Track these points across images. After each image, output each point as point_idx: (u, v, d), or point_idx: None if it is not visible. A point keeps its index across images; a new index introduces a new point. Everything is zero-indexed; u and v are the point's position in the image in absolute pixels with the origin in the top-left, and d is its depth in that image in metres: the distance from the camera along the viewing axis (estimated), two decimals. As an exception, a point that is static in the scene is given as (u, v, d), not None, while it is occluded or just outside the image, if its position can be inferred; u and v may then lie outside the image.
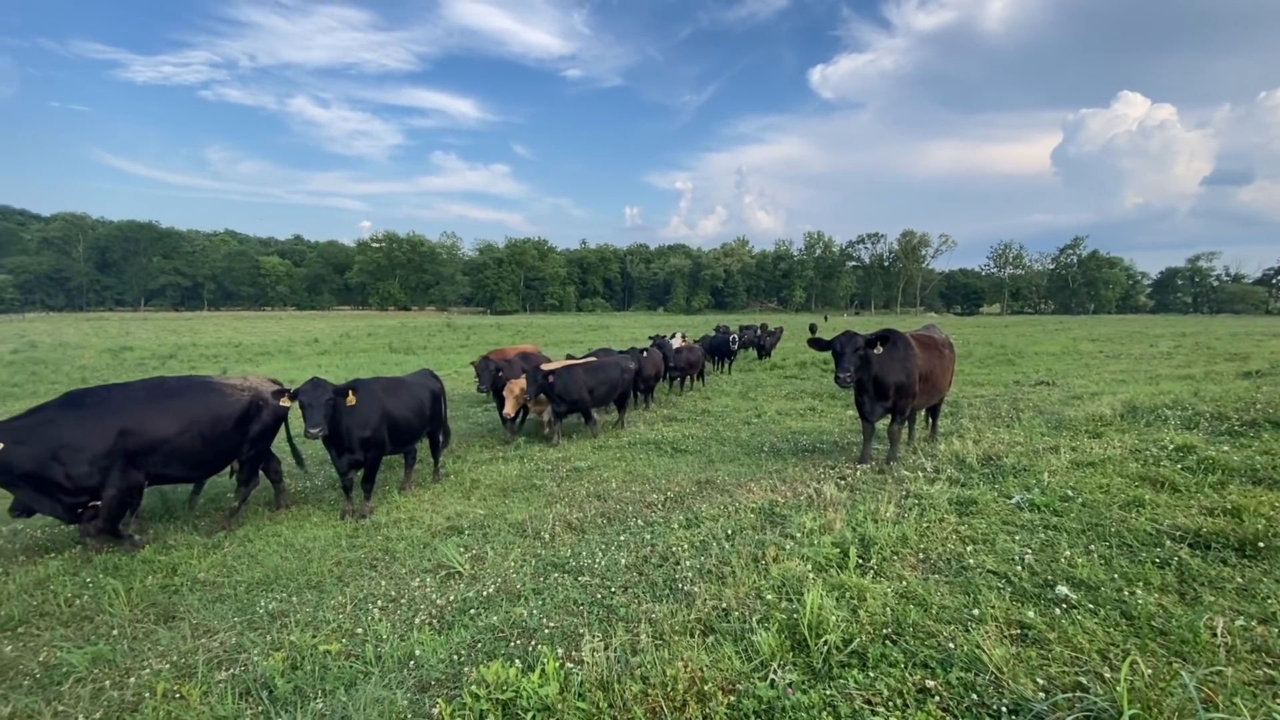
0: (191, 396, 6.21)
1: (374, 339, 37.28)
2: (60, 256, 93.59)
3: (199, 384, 6.46)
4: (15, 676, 3.71)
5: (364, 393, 6.87)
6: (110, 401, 5.70)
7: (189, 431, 6.01)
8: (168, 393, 6.10)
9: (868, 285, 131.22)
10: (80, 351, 28.31)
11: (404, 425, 7.29)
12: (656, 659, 3.00)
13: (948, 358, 8.48)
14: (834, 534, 4.61)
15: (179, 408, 6.03)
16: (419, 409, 7.63)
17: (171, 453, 5.88)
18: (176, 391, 6.18)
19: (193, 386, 6.37)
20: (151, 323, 58.59)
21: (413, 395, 7.60)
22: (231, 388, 6.58)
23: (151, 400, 5.92)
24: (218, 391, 6.45)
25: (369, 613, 4.12)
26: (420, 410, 7.66)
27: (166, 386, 6.19)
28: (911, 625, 3.33)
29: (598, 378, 10.64)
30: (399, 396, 7.34)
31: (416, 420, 7.58)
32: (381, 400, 6.99)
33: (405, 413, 7.33)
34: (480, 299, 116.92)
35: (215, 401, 6.33)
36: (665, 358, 13.97)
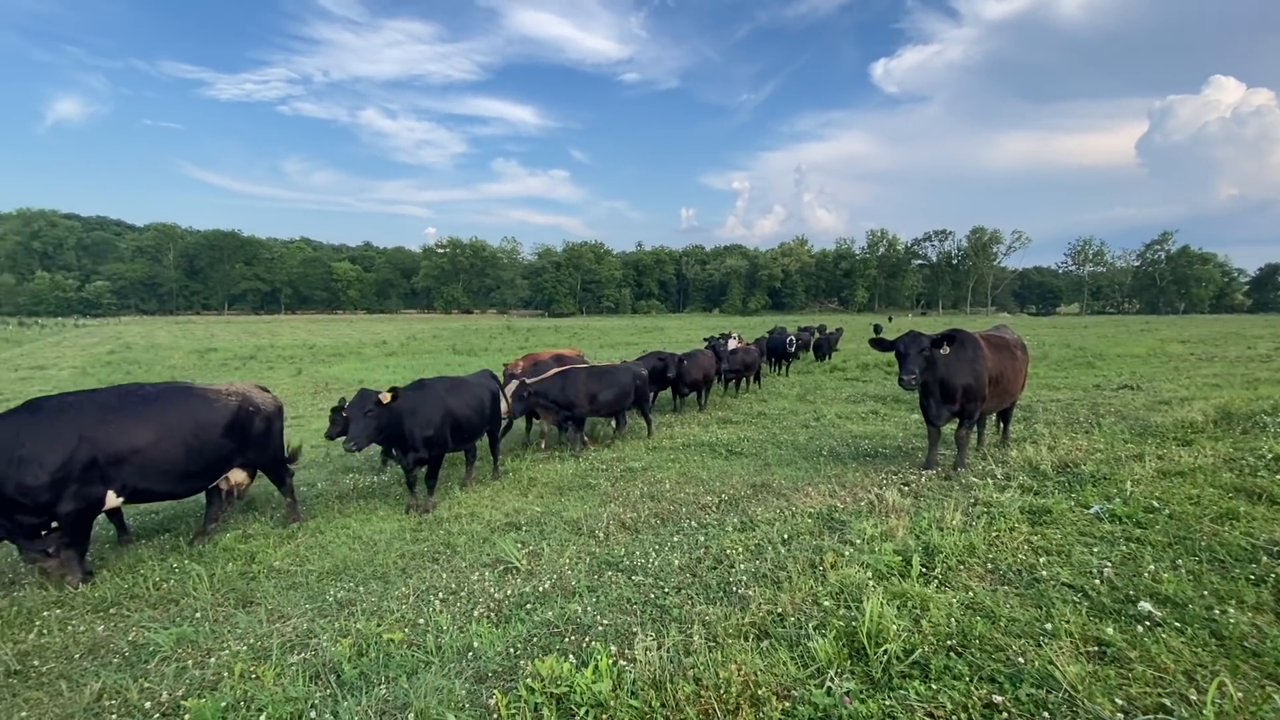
0: (169, 403, 5.70)
1: (438, 341, 38.65)
2: (152, 264, 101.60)
3: (178, 390, 6.01)
4: (106, 654, 4.03)
5: (428, 392, 7.11)
6: (74, 408, 5.17)
7: (165, 441, 5.48)
8: (142, 399, 5.58)
9: (934, 284, 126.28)
10: (170, 352, 30.64)
11: (465, 424, 7.49)
12: (710, 661, 2.97)
13: (1020, 360, 8.03)
14: (896, 541, 4.45)
15: (153, 415, 5.50)
16: (479, 408, 7.81)
17: (146, 465, 5.36)
18: (152, 398, 5.65)
19: (171, 393, 5.89)
20: (234, 325, 62.76)
21: (473, 395, 7.80)
22: (215, 394, 6.13)
23: (123, 407, 5.40)
24: (199, 398, 5.96)
25: (430, 604, 4.27)
26: (480, 409, 7.85)
27: (142, 393, 5.69)
28: (978, 637, 3.18)
29: (603, 383, 9.85)
30: (460, 396, 7.54)
31: (477, 419, 7.77)
32: (444, 399, 7.21)
33: (466, 411, 7.52)
34: (539, 302, 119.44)
35: (196, 408, 5.84)
36: (719, 359, 13.85)
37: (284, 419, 6.91)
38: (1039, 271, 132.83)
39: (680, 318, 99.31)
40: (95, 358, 27.71)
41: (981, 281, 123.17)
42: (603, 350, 28.36)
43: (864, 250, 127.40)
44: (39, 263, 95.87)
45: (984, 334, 7.80)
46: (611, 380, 9.99)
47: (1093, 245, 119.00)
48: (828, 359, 22.02)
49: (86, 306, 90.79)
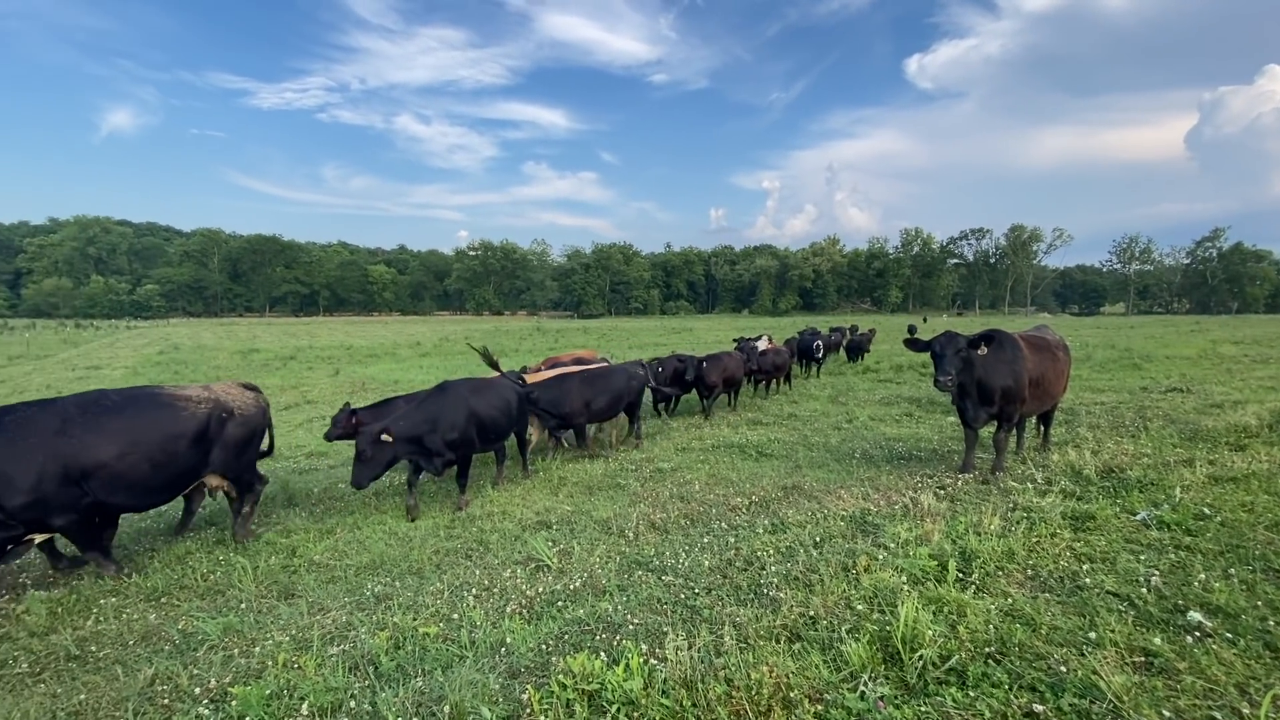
0: (134, 412, 5.36)
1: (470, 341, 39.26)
2: (198, 268, 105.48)
3: (145, 396, 5.61)
4: (158, 641, 4.20)
5: (451, 394, 7.19)
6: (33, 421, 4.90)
7: (131, 453, 5.17)
8: (106, 409, 5.25)
9: (971, 284, 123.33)
10: (215, 353, 31.77)
11: (491, 425, 7.54)
12: (741, 662, 2.96)
13: (1062, 361, 7.77)
14: (931, 546, 4.37)
15: (117, 426, 5.19)
16: (506, 409, 7.92)
17: (110, 479, 5.05)
18: (116, 407, 5.31)
19: (137, 400, 5.52)
20: (275, 327, 64.73)
21: (500, 396, 7.89)
22: (185, 400, 5.74)
23: (85, 417, 5.08)
24: (168, 405, 5.60)
25: (464, 600, 4.34)
26: (507, 410, 7.90)
27: (105, 401, 5.33)
28: (1017, 645, 3.11)
29: (597, 388, 9.35)
30: (486, 397, 7.60)
31: (504, 420, 7.82)
32: (468, 401, 7.28)
33: (492, 413, 7.58)
34: (568, 303, 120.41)
35: (164, 417, 5.49)
36: (748, 361, 13.75)
37: (269, 420, 6.61)
38: (1082, 270, 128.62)
39: (709, 319, 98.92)
40: (145, 358, 28.91)
41: (1020, 281, 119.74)
42: (631, 351, 28.42)
43: (898, 249, 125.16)
44: (94, 267, 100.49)
45: (1024, 334, 7.58)
46: (606, 385, 9.49)
47: (1139, 243, 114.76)
48: (860, 360, 21.68)
49: (137, 309, 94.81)
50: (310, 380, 21.07)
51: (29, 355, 30.54)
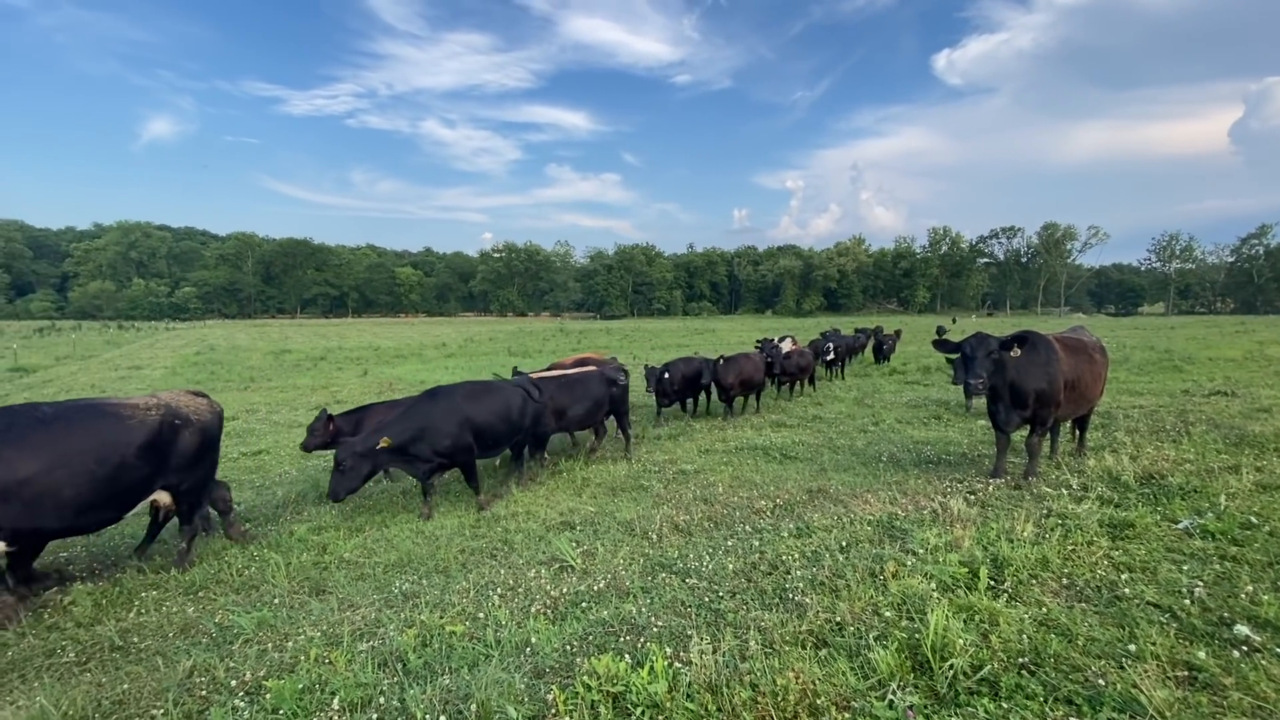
0: (67, 426, 4.87)
1: (494, 343, 39.65)
2: (233, 271, 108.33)
3: (83, 409, 5.11)
4: (196, 634, 4.33)
5: (443, 400, 7.00)
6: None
7: (60, 471, 4.65)
8: (34, 422, 4.76)
9: (1002, 284, 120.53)
10: (249, 354, 32.60)
11: (489, 431, 7.22)
12: (766, 667, 2.94)
13: (1099, 363, 7.55)
14: (961, 552, 4.29)
15: (43, 441, 4.68)
16: (505, 414, 7.44)
17: (34, 501, 4.55)
18: (46, 420, 4.82)
19: (72, 412, 5.02)
20: (306, 328, 66.19)
21: (500, 401, 7.45)
22: (132, 409, 5.29)
23: (7, 432, 4.60)
24: (111, 415, 5.13)
25: (489, 599, 4.38)
26: (507, 416, 7.46)
27: (36, 414, 4.85)
28: (1053, 656, 3.03)
29: (573, 395, 8.85)
30: (482, 402, 7.25)
31: (503, 426, 7.40)
32: (462, 408, 6.99)
33: (490, 419, 7.23)
34: (591, 304, 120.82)
35: (102, 429, 5.00)
36: (770, 362, 13.60)
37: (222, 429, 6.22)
38: (1119, 269, 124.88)
39: (732, 319, 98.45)
40: (184, 358, 29.80)
41: (1054, 280, 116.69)
42: (653, 353, 28.41)
43: (925, 249, 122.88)
44: (135, 271, 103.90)
45: (1059, 335, 7.38)
46: (583, 392, 8.99)
47: (1180, 240, 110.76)
48: (886, 361, 21.35)
49: (176, 311, 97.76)
50: (340, 380, 21.49)
51: (75, 355, 31.71)
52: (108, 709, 3.32)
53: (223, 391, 18.95)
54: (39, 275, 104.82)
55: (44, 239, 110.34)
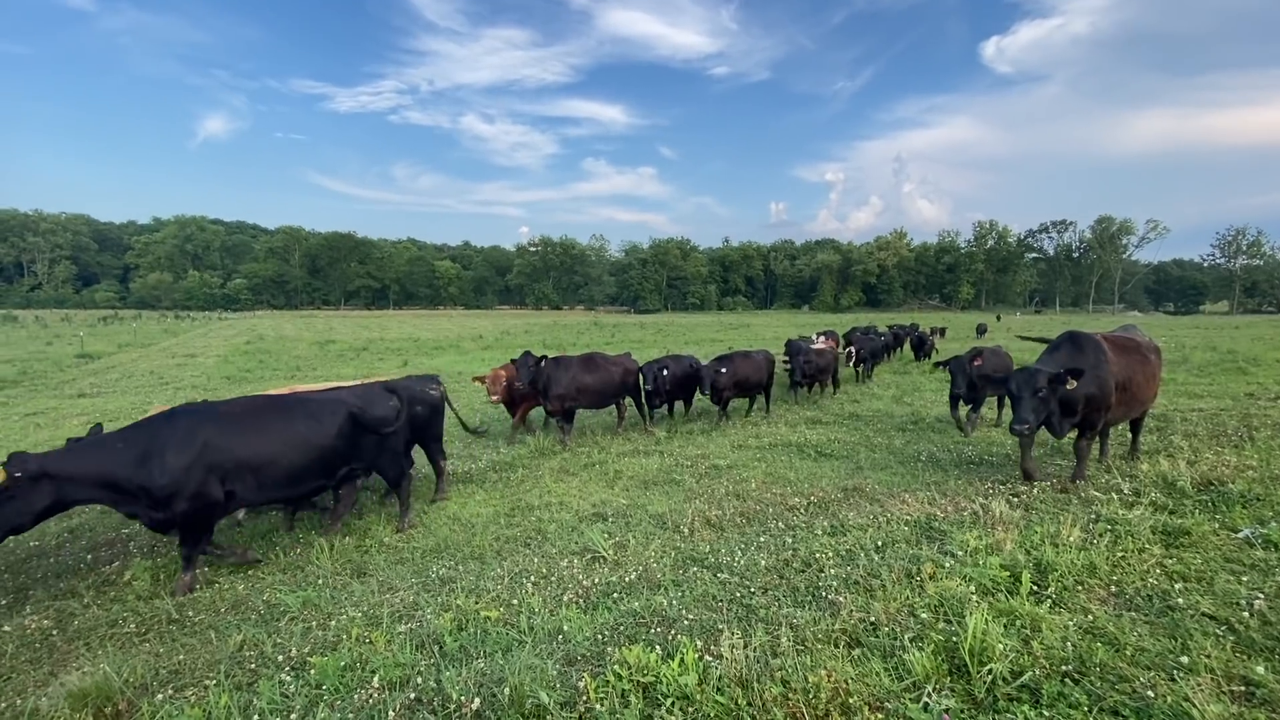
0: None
1: (529, 336, 40.12)
2: (281, 263, 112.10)
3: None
4: (245, 610, 4.53)
5: (181, 426, 4.92)
6: None
7: None
8: None
9: (1051, 280, 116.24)
10: (296, 343, 33.74)
11: (270, 466, 5.28)
12: (798, 664, 2.92)
13: (1152, 364, 7.20)
14: (1003, 555, 4.17)
15: None
16: (301, 443, 5.44)
17: None
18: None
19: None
20: (349, 320, 68.14)
21: (307, 421, 5.56)
22: None
23: None
24: None
25: (523, 586, 4.46)
26: (301, 444, 5.43)
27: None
28: (1098, 665, 2.93)
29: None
30: (256, 426, 5.30)
31: (301, 457, 5.43)
32: (210, 435, 4.98)
33: (275, 448, 5.30)
34: (625, 298, 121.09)
35: None
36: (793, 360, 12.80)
37: None
38: (1179, 265, 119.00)
39: (767, 314, 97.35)
40: (235, 347, 31.04)
41: (1108, 276, 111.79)
42: (686, 347, 28.31)
43: (970, 243, 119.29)
44: (191, 263, 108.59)
45: (1109, 335, 7.06)
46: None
47: (1247, 235, 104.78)
48: (926, 359, 20.81)
49: (228, 301, 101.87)
50: (381, 371, 22.08)
51: (135, 343, 33.36)
52: (165, 678, 3.50)
53: (270, 380, 19.67)
54: (103, 267, 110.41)
55: (108, 232, 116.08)
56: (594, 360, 10.43)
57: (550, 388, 9.66)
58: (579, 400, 10.06)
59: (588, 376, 10.06)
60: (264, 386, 18.66)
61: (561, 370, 9.81)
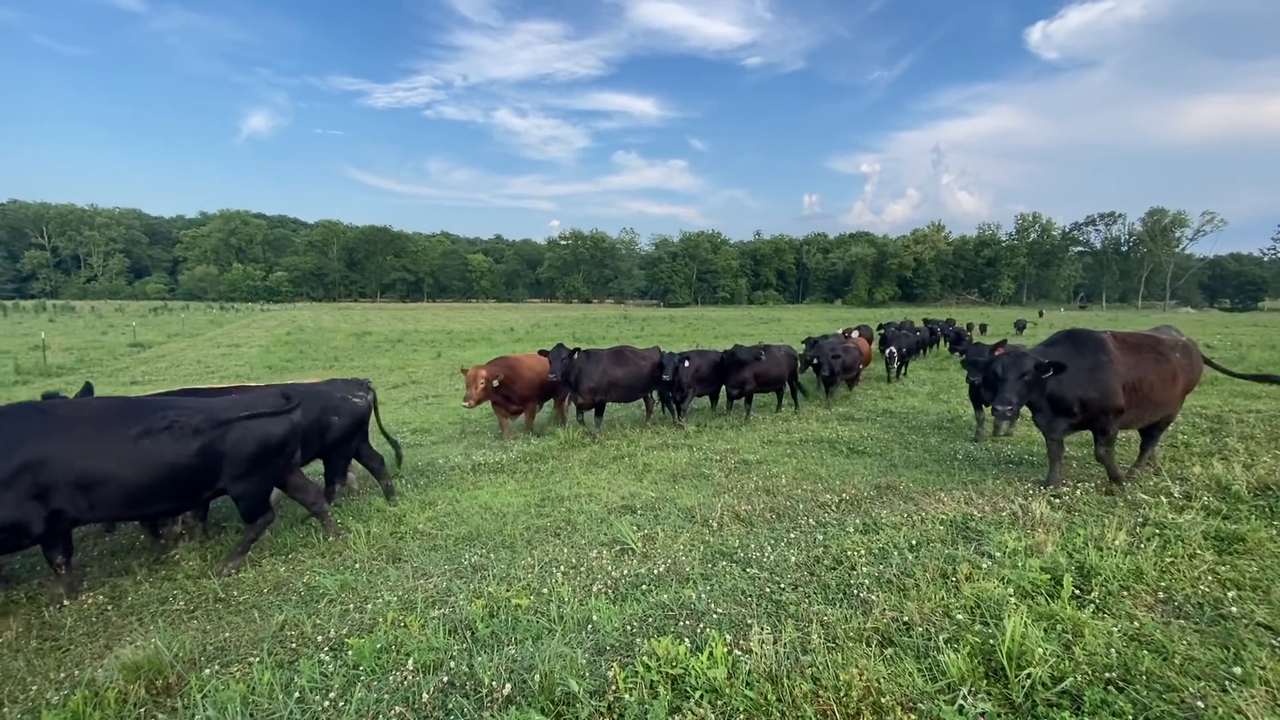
0: None
1: (559, 329, 40.42)
2: (320, 256, 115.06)
3: None
4: (287, 592, 4.68)
5: None
6: None
7: None
8: None
9: (1098, 274, 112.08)
10: (334, 334, 34.63)
11: (102, 482, 4.45)
12: (829, 662, 2.89)
13: (1172, 364, 6.46)
14: (1043, 558, 4.05)
15: None
16: (137, 457, 4.53)
17: None
18: None
19: None
20: (385, 312, 69.60)
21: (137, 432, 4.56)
22: None
23: None
24: None
25: (553, 575, 4.51)
26: (145, 456, 4.55)
27: None
28: (1144, 673, 2.83)
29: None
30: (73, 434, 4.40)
31: (132, 471, 4.53)
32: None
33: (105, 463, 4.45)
34: (654, 292, 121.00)
35: None
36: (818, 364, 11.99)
37: None
38: (1236, 259, 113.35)
39: (799, 309, 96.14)
40: (276, 338, 32.03)
41: (1159, 271, 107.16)
42: (716, 341, 28.14)
43: (1011, 236, 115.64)
44: (235, 256, 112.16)
45: (1119, 333, 6.54)
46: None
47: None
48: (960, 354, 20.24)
49: (270, 294, 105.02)
50: (416, 362, 22.55)
51: (184, 333, 34.68)
52: (211, 653, 3.65)
53: (309, 370, 20.25)
54: (153, 260, 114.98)
55: (158, 226, 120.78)
56: (624, 353, 10.45)
57: (581, 381, 9.71)
58: (609, 394, 10.09)
59: (618, 370, 10.09)
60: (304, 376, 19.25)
61: (593, 363, 9.86)
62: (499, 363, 9.93)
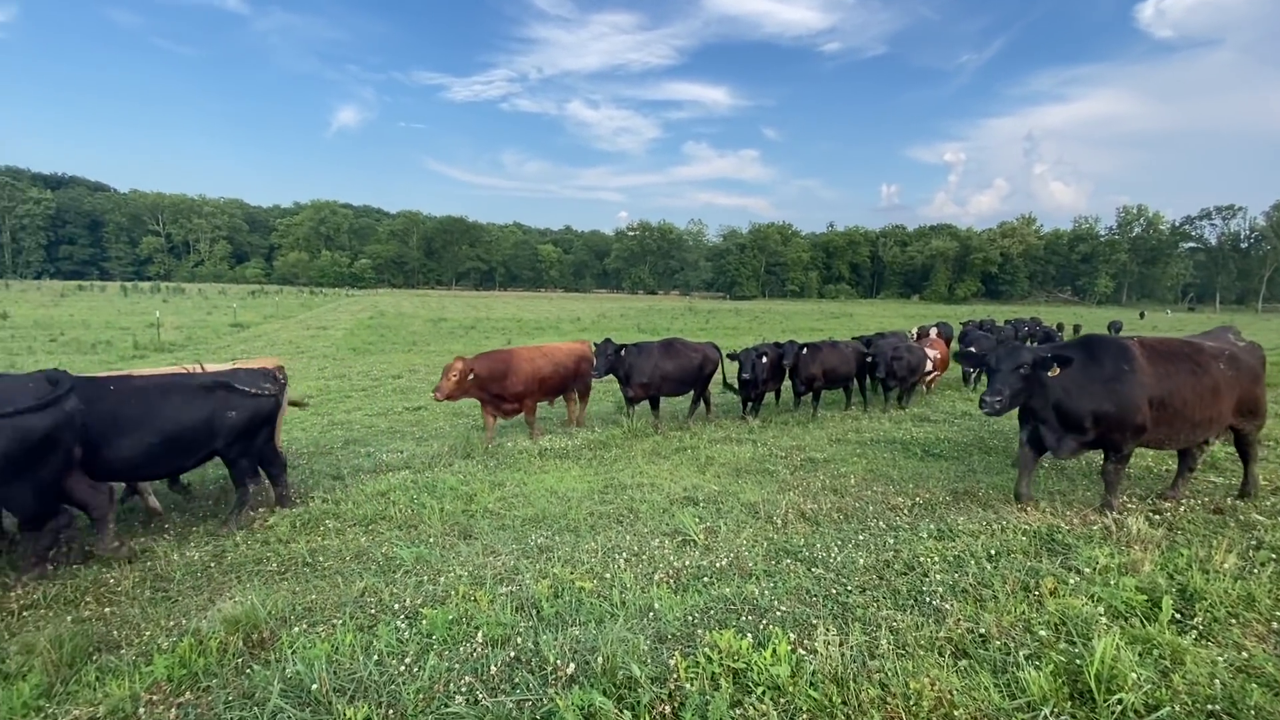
0: None
1: (625, 319, 40.76)
2: (401, 245, 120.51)
3: None
4: (367, 560, 4.96)
5: None
6: None
7: None
8: None
9: (1211, 273, 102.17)
10: (412, 320, 36.29)
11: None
12: (899, 669, 2.80)
13: (1219, 378, 5.60)
14: (1139, 577, 3.76)
15: None
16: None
17: None
18: None
19: None
20: (460, 300, 72.26)
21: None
22: None
23: None
24: None
25: (615, 561, 4.58)
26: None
27: None
28: (1253, 709, 2.59)
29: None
30: None
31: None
32: None
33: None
34: (720, 284, 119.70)
35: None
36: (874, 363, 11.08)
37: None
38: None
39: (872, 304, 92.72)
40: (360, 322, 33.90)
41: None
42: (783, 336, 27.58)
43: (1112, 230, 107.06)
44: (324, 244, 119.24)
45: (1148, 339, 5.79)
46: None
47: None
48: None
49: (354, 280, 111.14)
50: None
51: (277, 316, 37.28)
52: (300, 613, 3.93)
53: (390, 352, 21.34)
54: (252, 246, 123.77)
55: (257, 215, 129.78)
56: (674, 346, 10.42)
57: (632, 375, 9.75)
58: (661, 388, 10.08)
59: (669, 363, 10.07)
60: (384, 359, 20.30)
61: (644, 358, 9.88)
62: (491, 355, 9.22)
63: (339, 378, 16.32)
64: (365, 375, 16.70)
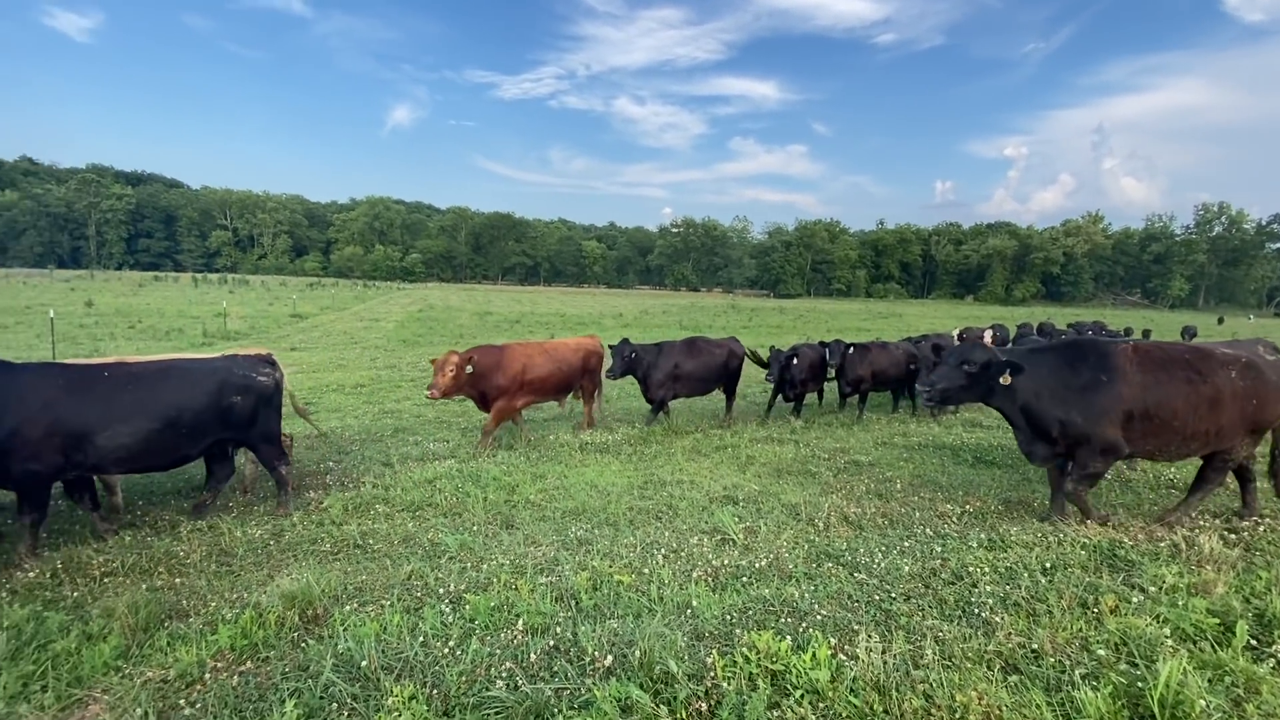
0: None
1: (667, 316, 40.70)
2: (450, 240, 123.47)
3: None
4: (413, 545, 5.12)
5: None
6: None
7: None
8: None
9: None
10: (459, 313, 37.17)
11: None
12: (944, 680, 2.72)
13: (1223, 388, 5.12)
14: (1211, 599, 3.54)
15: None
16: None
17: None
18: None
19: None
20: (505, 294, 73.60)
21: None
22: None
23: None
24: None
25: (654, 557, 4.59)
26: None
27: None
28: (1342, 748, 2.40)
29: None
30: None
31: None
32: None
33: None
34: (764, 282, 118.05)
35: None
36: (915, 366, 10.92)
37: None
38: None
39: (923, 304, 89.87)
40: (410, 315, 34.93)
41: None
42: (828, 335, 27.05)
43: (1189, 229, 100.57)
44: (377, 239, 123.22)
45: (1145, 345, 5.41)
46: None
47: None
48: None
49: (405, 274, 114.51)
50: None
51: (334, 307, 38.78)
52: (351, 592, 4.09)
53: (438, 344, 21.89)
54: (311, 240, 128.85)
55: (315, 210, 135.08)
56: (696, 345, 10.28)
57: (653, 374, 9.67)
58: (684, 388, 9.95)
59: (690, 363, 9.92)
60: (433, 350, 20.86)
61: (664, 357, 9.75)
62: (483, 349, 8.69)
63: (389, 368, 16.87)
64: (414, 366, 17.21)
